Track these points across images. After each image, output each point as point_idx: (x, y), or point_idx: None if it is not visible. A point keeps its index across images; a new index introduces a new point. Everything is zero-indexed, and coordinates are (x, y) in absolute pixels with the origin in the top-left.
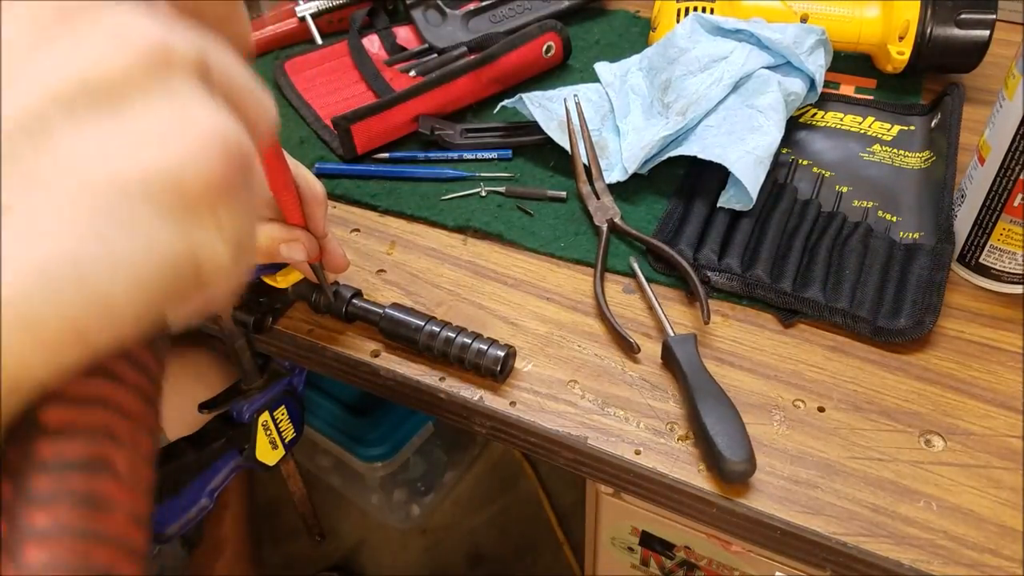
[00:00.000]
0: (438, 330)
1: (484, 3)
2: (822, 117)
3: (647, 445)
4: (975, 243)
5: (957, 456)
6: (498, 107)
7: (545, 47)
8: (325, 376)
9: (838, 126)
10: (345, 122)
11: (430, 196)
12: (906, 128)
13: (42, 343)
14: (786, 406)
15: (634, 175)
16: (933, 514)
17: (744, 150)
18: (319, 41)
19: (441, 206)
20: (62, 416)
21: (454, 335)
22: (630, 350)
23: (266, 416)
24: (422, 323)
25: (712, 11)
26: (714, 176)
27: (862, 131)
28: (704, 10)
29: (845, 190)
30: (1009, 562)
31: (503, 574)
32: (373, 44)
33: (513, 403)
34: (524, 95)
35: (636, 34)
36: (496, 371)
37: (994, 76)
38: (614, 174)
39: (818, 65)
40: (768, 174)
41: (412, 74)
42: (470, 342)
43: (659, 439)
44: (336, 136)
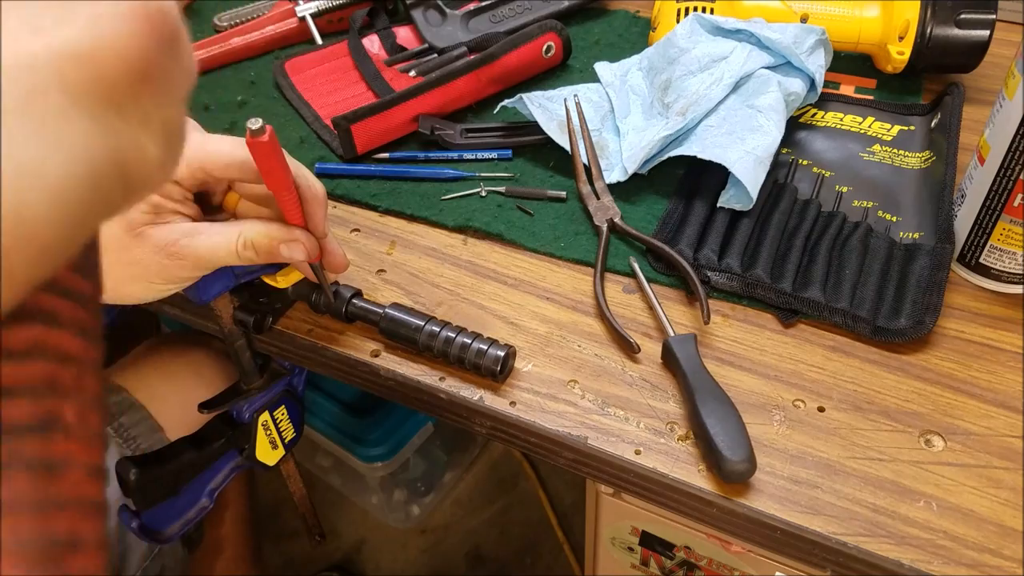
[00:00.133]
0: (438, 330)
1: (484, 3)
2: (822, 117)
3: (647, 445)
4: (975, 243)
5: (957, 456)
6: (498, 107)
7: (545, 47)
8: (325, 376)
9: (838, 126)
10: (345, 122)
11: (430, 196)
12: (906, 128)
13: None
14: (786, 406)
15: (634, 175)
16: (933, 514)
17: (744, 150)
18: (319, 41)
19: (441, 206)
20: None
21: (454, 335)
22: (630, 350)
23: (266, 416)
24: (422, 323)
25: (712, 11)
26: (714, 176)
27: (862, 131)
28: (704, 10)
29: (845, 190)
30: (1009, 562)
31: (503, 574)
32: (373, 44)
33: (513, 403)
34: (524, 95)
35: (636, 34)
36: (496, 371)
37: (994, 76)
38: (614, 174)
39: (818, 65)
40: (768, 174)
41: (412, 74)
42: (470, 342)
43: (659, 439)
44: (336, 136)
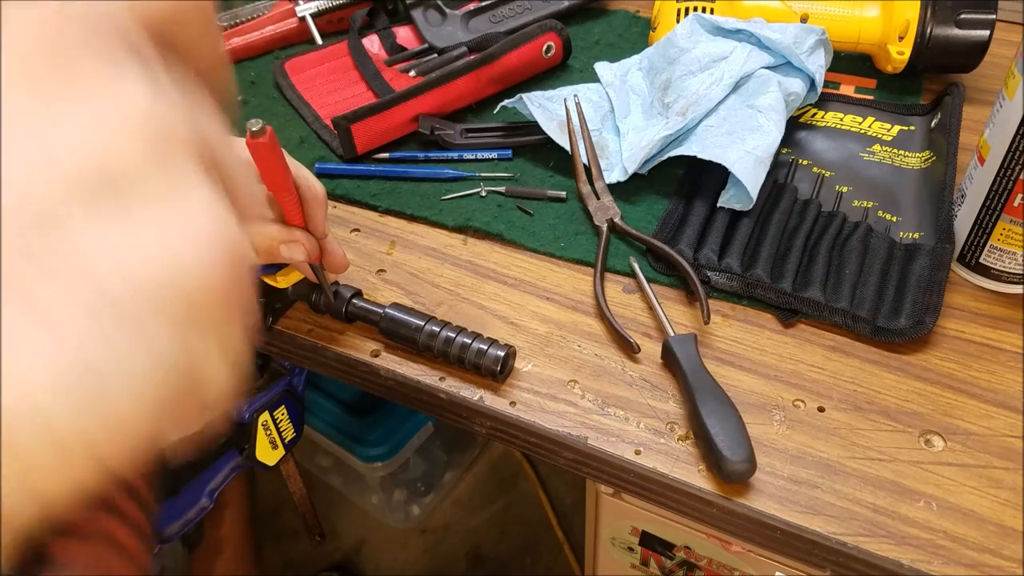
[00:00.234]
0: (438, 330)
1: (484, 3)
2: (822, 117)
3: (647, 445)
4: (975, 243)
5: (957, 456)
6: (498, 107)
7: (545, 47)
8: (325, 376)
9: (838, 126)
10: (345, 122)
11: (430, 196)
12: (906, 128)
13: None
14: (786, 406)
15: (634, 175)
16: (933, 514)
17: (744, 150)
18: (319, 41)
19: (441, 206)
20: (66, 549)
21: (454, 335)
22: (630, 350)
23: (266, 416)
24: (422, 323)
25: (712, 11)
26: (714, 176)
27: (862, 131)
28: (704, 10)
29: (845, 190)
30: (1009, 562)
31: (503, 574)
32: (373, 44)
33: (513, 403)
34: (524, 95)
35: (636, 34)
36: (496, 371)
37: (994, 76)
38: (614, 174)
39: (818, 65)
40: (768, 174)
41: (412, 74)
42: (470, 342)
43: (659, 439)
44: (336, 136)
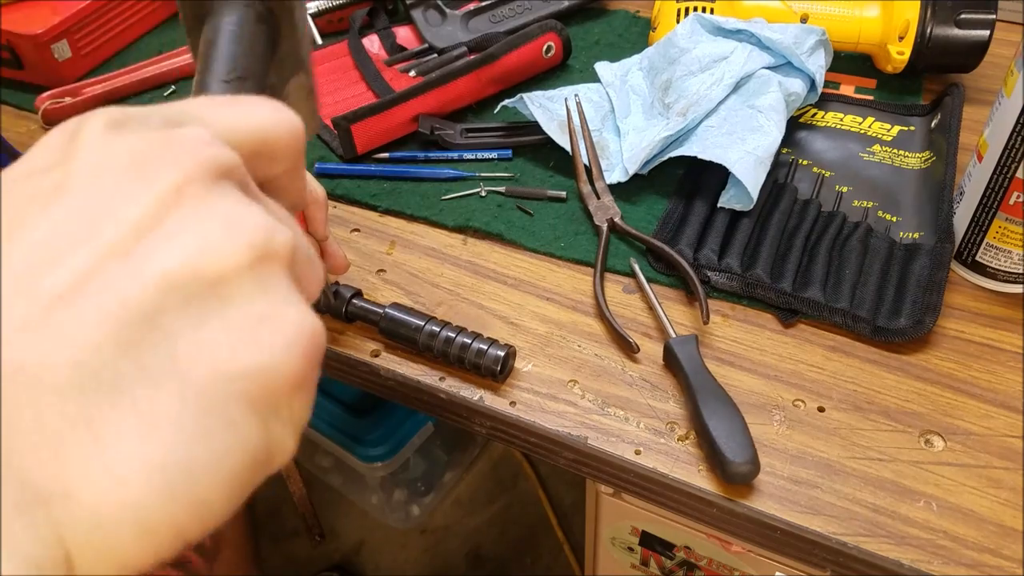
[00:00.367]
0: (438, 330)
1: (484, 3)
2: (822, 117)
3: (647, 445)
4: (972, 240)
5: (957, 456)
6: (498, 107)
7: (545, 47)
8: (325, 376)
9: (838, 126)
10: (345, 122)
11: (430, 196)
12: (906, 128)
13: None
14: (786, 406)
15: (634, 175)
16: (933, 514)
17: (744, 150)
18: (319, 41)
19: (441, 206)
20: None
21: (454, 335)
22: (630, 350)
23: None
24: (422, 323)
25: (712, 11)
26: (714, 176)
27: (862, 131)
28: (704, 10)
29: (845, 190)
30: (1009, 562)
31: (503, 574)
32: (373, 44)
33: (513, 403)
34: (524, 95)
35: (636, 34)
36: (496, 371)
37: (994, 76)
38: (615, 174)
39: (818, 65)
40: (768, 174)
41: (412, 74)
42: (470, 342)
43: (659, 439)
44: (336, 136)
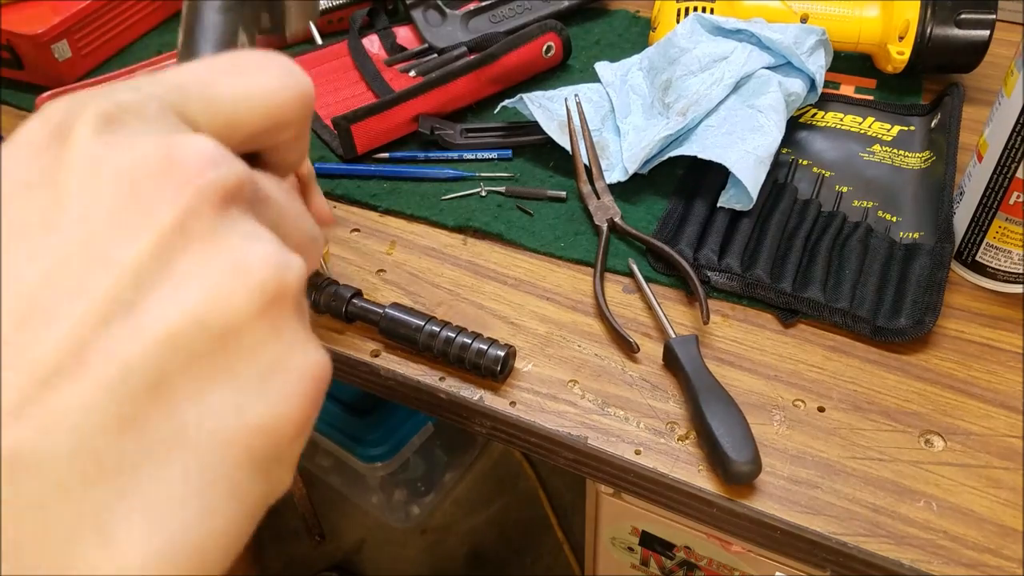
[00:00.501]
0: (438, 330)
1: (484, 3)
2: (822, 117)
3: (647, 445)
4: (972, 240)
5: (957, 456)
6: (498, 107)
7: (545, 47)
8: None
9: (838, 126)
10: (345, 122)
11: (430, 196)
12: (906, 128)
13: None
14: (786, 406)
15: (634, 175)
16: (933, 514)
17: (744, 150)
18: (319, 41)
19: (441, 206)
20: None
21: (454, 335)
22: (630, 350)
23: None
24: (422, 323)
25: (712, 11)
26: (714, 176)
27: (862, 131)
28: (704, 10)
29: (845, 190)
30: (1009, 562)
31: (503, 574)
32: (373, 44)
33: (513, 403)
34: (524, 95)
35: (636, 34)
36: (496, 371)
37: (994, 76)
38: (615, 174)
39: (818, 65)
40: (768, 174)
41: (412, 74)
42: (470, 342)
43: (659, 439)
44: (336, 136)
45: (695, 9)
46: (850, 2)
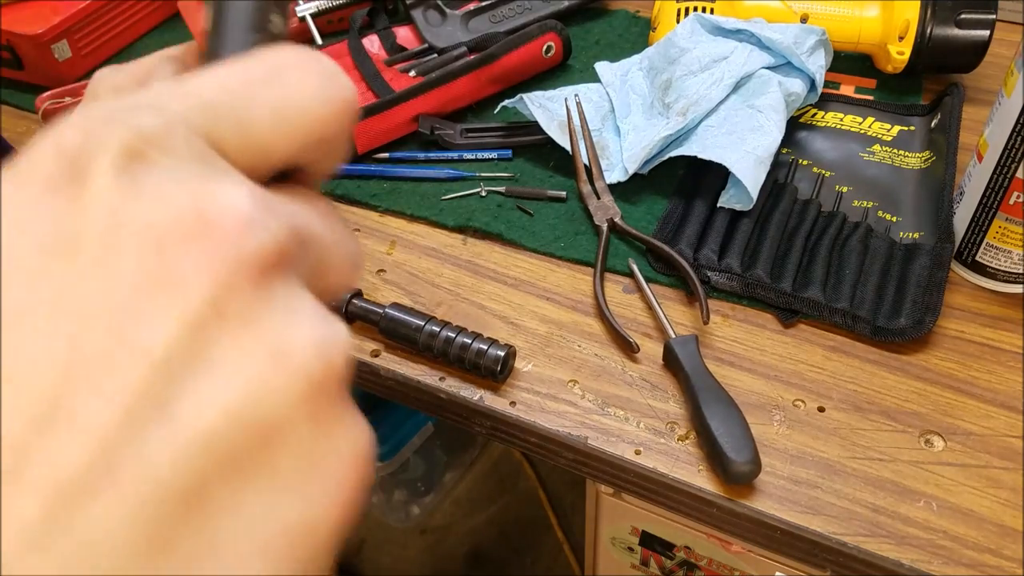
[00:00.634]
0: (438, 330)
1: (484, 3)
2: (822, 117)
3: (647, 445)
4: (972, 240)
5: (957, 456)
6: (498, 107)
7: (545, 47)
8: None
9: (838, 126)
10: None
11: (430, 196)
12: (906, 128)
13: None
14: (786, 406)
15: (634, 175)
16: (933, 514)
17: (744, 150)
18: (319, 41)
19: (441, 206)
20: None
21: (454, 335)
22: (630, 350)
23: None
24: (422, 323)
25: (712, 11)
26: (714, 176)
27: (862, 131)
28: (704, 10)
29: (845, 190)
30: (1009, 562)
31: (503, 574)
32: (373, 44)
33: (513, 403)
34: (525, 95)
35: (636, 34)
36: (496, 371)
37: (994, 76)
38: (615, 174)
39: (818, 65)
40: (768, 174)
41: (412, 74)
42: (470, 342)
43: (659, 439)
44: None
45: (695, 9)
46: (850, 2)
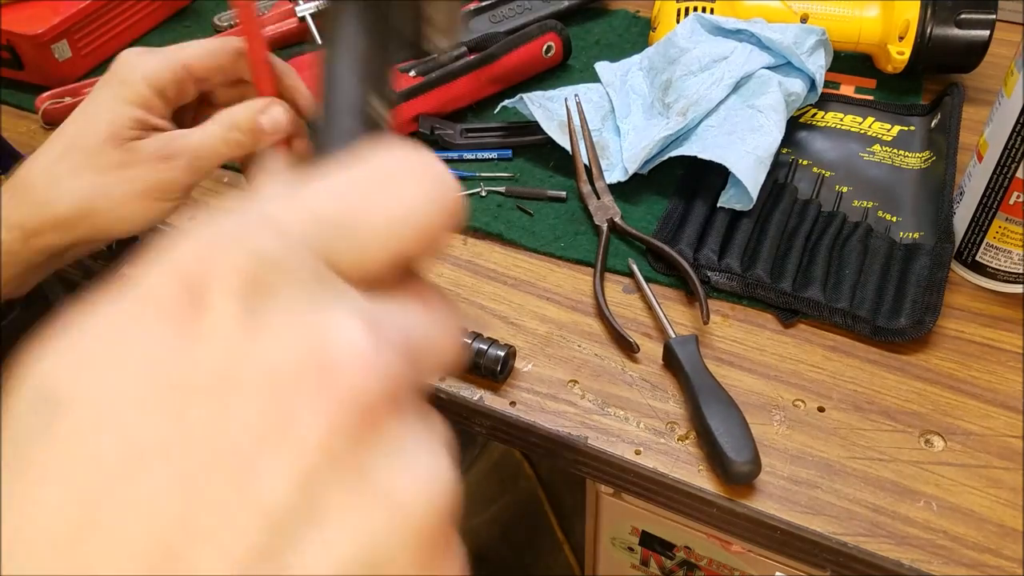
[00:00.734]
0: None
1: (484, 3)
2: (822, 117)
3: (647, 445)
4: (972, 240)
5: (957, 456)
6: (498, 107)
7: (545, 47)
8: None
9: (838, 126)
10: None
11: None
12: (906, 128)
13: None
14: (786, 406)
15: (634, 175)
16: (933, 514)
17: (744, 150)
18: (319, 41)
19: None
20: None
21: None
22: (630, 350)
23: None
24: None
25: (712, 11)
26: (714, 176)
27: (862, 131)
28: (704, 10)
29: (845, 190)
30: (1009, 562)
31: (503, 574)
32: None
33: (513, 403)
34: (525, 95)
35: (636, 34)
36: (496, 371)
37: (994, 76)
38: (615, 174)
39: (818, 65)
40: (768, 174)
41: (412, 74)
42: (470, 342)
43: (659, 439)
44: None
45: (695, 9)
46: (850, 2)
